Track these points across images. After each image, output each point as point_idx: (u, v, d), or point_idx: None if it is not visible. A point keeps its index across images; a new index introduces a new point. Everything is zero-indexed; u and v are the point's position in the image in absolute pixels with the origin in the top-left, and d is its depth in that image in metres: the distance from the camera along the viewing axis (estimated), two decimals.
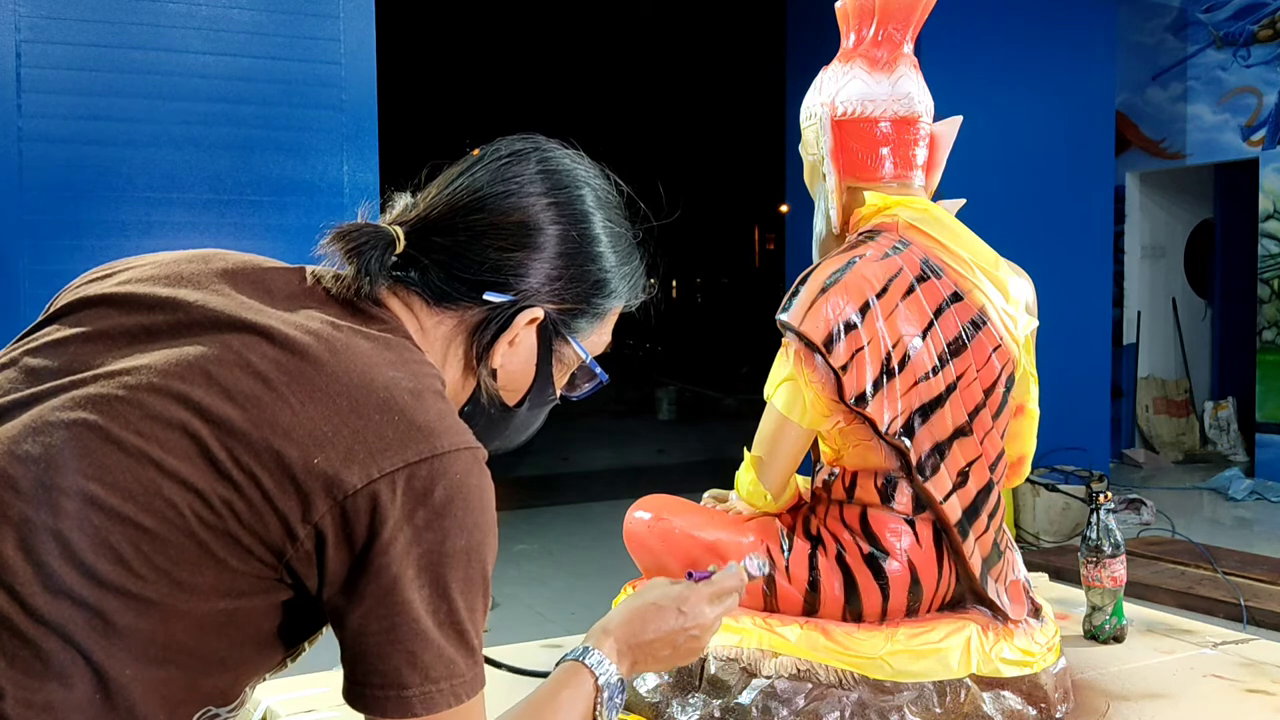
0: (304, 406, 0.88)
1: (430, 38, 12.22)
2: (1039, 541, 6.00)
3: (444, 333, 1.03)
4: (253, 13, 4.93)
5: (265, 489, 0.86)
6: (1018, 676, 1.47)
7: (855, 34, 1.65)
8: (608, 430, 11.60)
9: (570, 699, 1.06)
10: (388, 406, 0.89)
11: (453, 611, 0.90)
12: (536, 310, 1.02)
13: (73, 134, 4.66)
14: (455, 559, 0.89)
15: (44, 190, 4.60)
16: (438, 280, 1.01)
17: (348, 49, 5.03)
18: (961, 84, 5.96)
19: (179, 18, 4.82)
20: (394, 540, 0.87)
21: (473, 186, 1.02)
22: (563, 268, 1.03)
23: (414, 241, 1.01)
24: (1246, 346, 8.66)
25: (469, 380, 1.05)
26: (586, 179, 1.07)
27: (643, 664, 1.14)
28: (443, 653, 0.89)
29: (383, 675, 0.89)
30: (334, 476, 0.86)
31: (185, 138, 4.79)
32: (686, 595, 1.16)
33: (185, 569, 0.86)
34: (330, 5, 5.03)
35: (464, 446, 0.92)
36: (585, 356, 1.08)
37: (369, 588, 0.88)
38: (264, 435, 0.87)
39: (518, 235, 1.01)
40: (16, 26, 4.57)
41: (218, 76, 4.86)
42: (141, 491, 0.86)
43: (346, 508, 0.86)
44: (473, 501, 0.91)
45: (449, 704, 0.90)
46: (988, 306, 1.54)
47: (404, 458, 0.88)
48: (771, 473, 1.55)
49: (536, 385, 1.07)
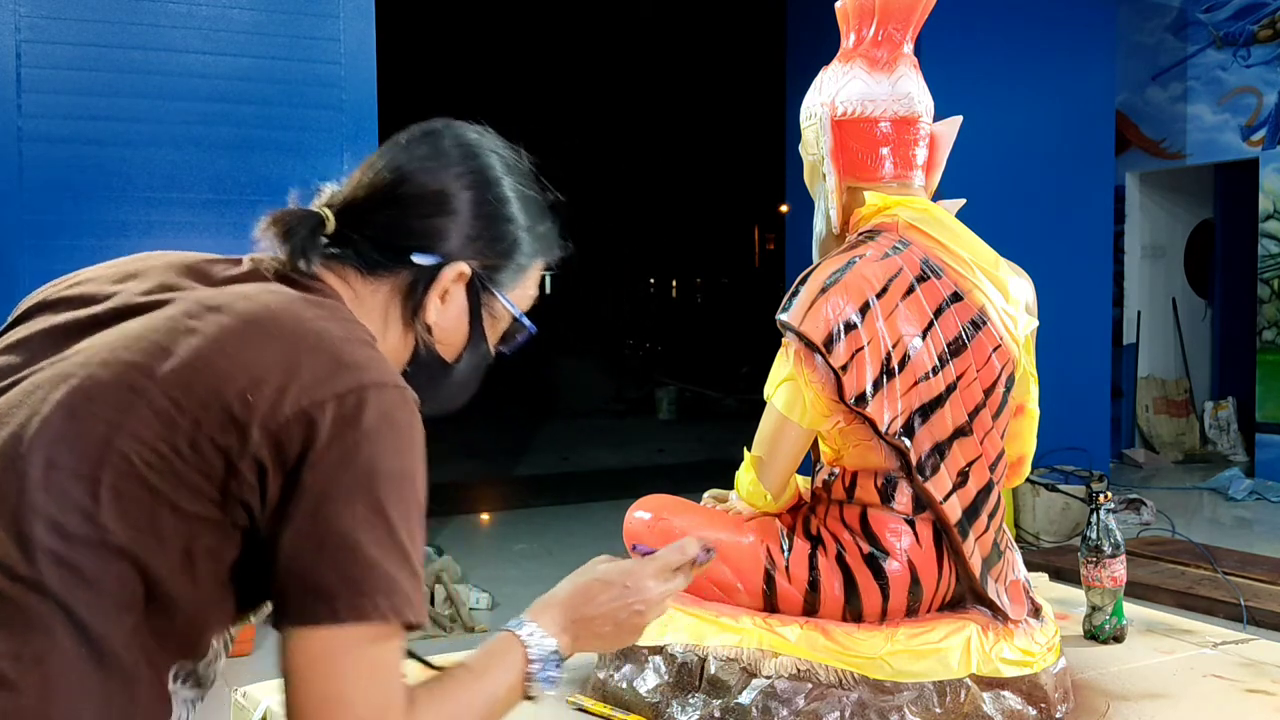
0: (239, 353, 0.96)
1: (430, 38, 12.22)
2: (1039, 541, 6.00)
3: (380, 300, 1.11)
4: (253, 13, 4.93)
5: (206, 429, 0.93)
6: (1018, 676, 1.47)
7: (855, 34, 1.65)
8: (608, 430, 11.60)
9: (498, 667, 1.06)
10: (318, 349, 0.97)
11: (391, 530, 0.93)
12: (461, 265, 1.11)
13: (73, 134, 4.66)
14: (388, 479, 0.94)
15: (44, 190, 4.59)
16: (368, 252, 1.10)
17: (348, 49, 5.02)
18: (961, 84, 5.96)
19: (179, 18, 4.82)
20: (323, 458, 0.92)
21: (392, 165, 1.12)
22: (480, 228, 1.12)
23: (344, 220, 1.11)
24: (1246, 346, 8.66)
25: (408, 339, 1.13)
26: (493, 149, 1.16)
27: (585, 639, 1.14)
28: (376, 567, 0.92)
29: (315, 588, 0.92)
30: (268, 409, 0.93)
31: (185, 138, 4.79)
32: (631, 570, 1.17)
33: (143, 516, 0.93)
34: (330, 5, 5.03)
35: (392, 383, 0.98)
36: (512, 309, 1.16)
37: (300, 505, 0.92)
38: (203, 382, 0.94)
39: (437, 203, 1.11)
40: (16, 26, 4.57)
41: (218, 76, 4.86)
42: (95, 449, 0.93)
43: (280, 435, 0.93)
44: (401, 430, 0.96)
45: (384, 618, 0.92)
46: (988, 306, 1.54)
47: (333, 389, 0.94)
48: (771, 473, 1.55)
49: (472, 340, 1.15)
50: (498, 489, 8.18)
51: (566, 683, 1.64)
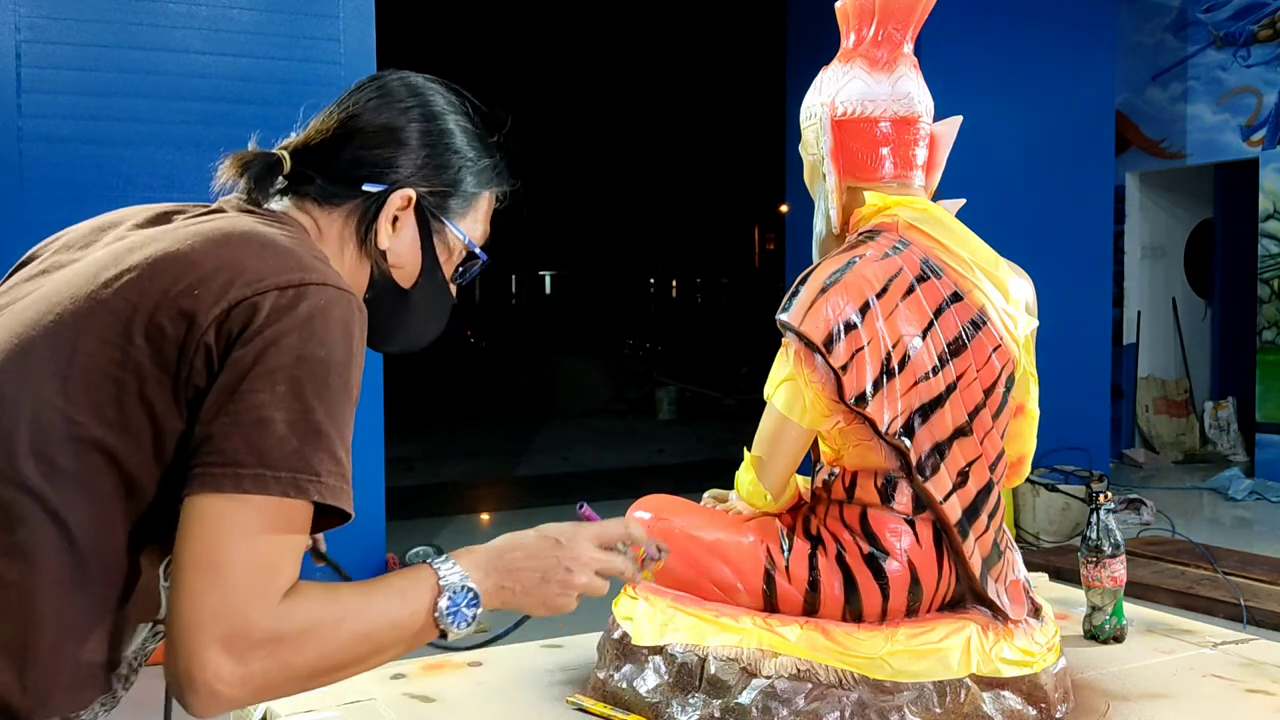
0: (194, 255, 1.03)
1: (430, 38, 12.22)
2: (1039, 541, 6.00)
3: (337, 229, 1.19)
4: (253, 13, 4.93)
5: (160, 324, 0.99)
6: (1018, 676, 1.47)
7: (855, 34, 1.65)
8: (608, 430, 11.60)
9: (400, 591, 1.03)
10: (265, 250, 1.04)
11: (307, 412, 0.96)
12: (408, 191, 1.18)
13: (73, 134, 4.66)
14: (313, 365, 0.97)
15: (44, 190, 4.59)
16: (324, 185, 1.19)
17: (348, 49, 5.02)
18: (961, 84, 5.96)
19: (179, 18, 4.82)
20: (254, 338, 0.97)
21: (342, 107, 1.22)
22: (426, 157, 1.20)
23: (300, 159, 1.20)
24: (1246, 346, 8.65)
25: (364, 264, 1.19)
26: (437, 89, 1.25)
27: (510, 587, 1.11)
28: (286, 444, 0.95)
29: (222, 454, 0.95)
30: (213, 299, 0.99)
31: (185, 138, 4.79)
32: (568, 529, 1.17)
33: (110, 407, 0.98)
34: (330, 5, 5.03)
35: (334, 285, 1.03)
36: (460, 235, 1.23)
37: (223, 378, 0.97)
38: (157, 284, 1.01)
39: (384, 135, 1.19)
40: (16, 26, 4.57)
41: (218, 76, 4.86)
42: (64, 350, 1.00)
43: (224, 321, 0.98)
44: (334, 323, 1.00)
45: (285, 493, 0.94)
46: (988, 306, 1.54)
47: (275, 282, 1.00)
48: (771, 473, 1.55)
49: (425, 265, 1.22)
50: (498, 489, 8.18)
51: (566, 683, 1.64)
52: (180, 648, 0.92)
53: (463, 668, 1.71)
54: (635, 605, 1.57)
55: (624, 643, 1.54)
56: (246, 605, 0.92)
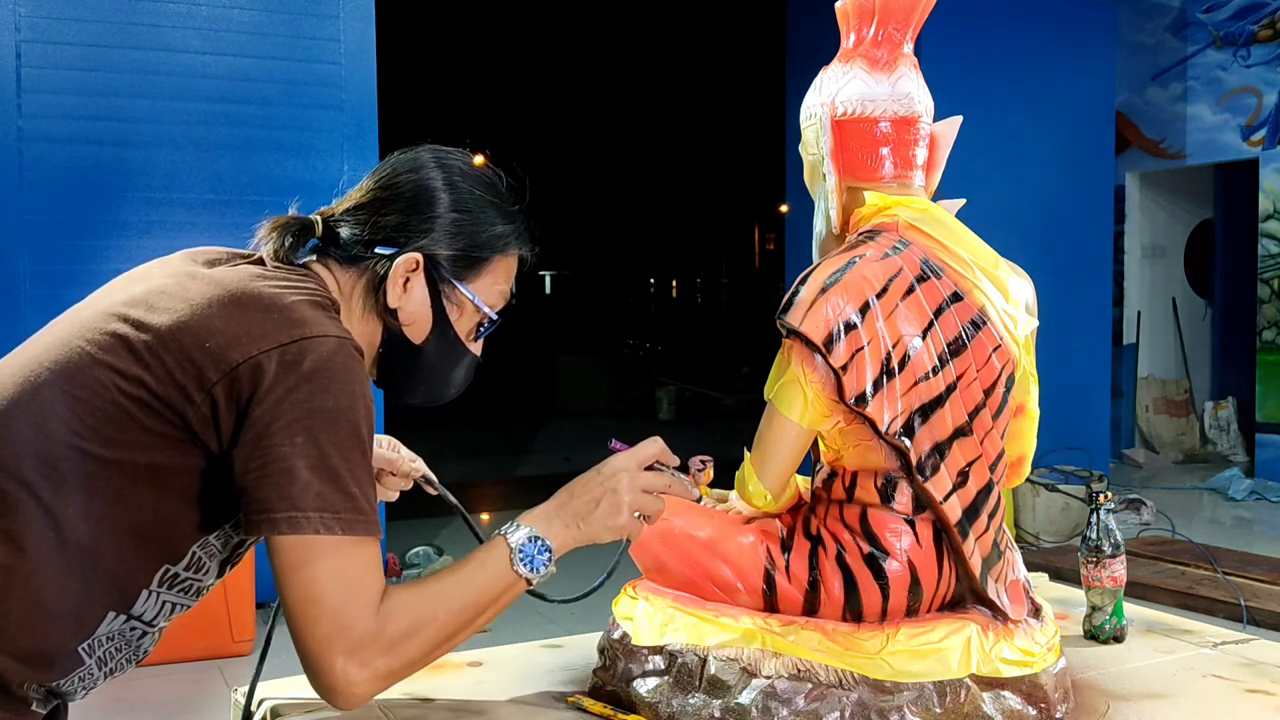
0: (206, 310, 1.16)
1: (430, 38, 12.22)
2: (1039, 541, 6.00)
3: (358, 289, 1.31)
4: (253, 13, 4.93)
5: (169, 367, 1.14)
6: (1018, 676, 1.47)
7: (855, 34, 1.65)
8: (608, 430, 11.57)
9: (478, 561, 1.23)
10: (270, 309, 1.16)
11: (324, 458, 1.11)
12: (415, 255, 1.30)
13: (73, 134, 4.66)
14: (324, 415, 1.11)
15: (44, 190, 4.60)
16: (346, 247, 1.32)
17: (348, 49, 5.02)
18: (962, 84, 5.96)
19: (179, 18, 4.82)
20: (267, 396, 1.11)
21: (376, 176, 1.35)
22: (440, 222, 1.32)
23: (332, 223, 1.33)
24: (1246, 346, 8.66)
25: (377, 322, 1.32)
26: (455, 163, 1.36)
27: (572, 526, 1.29)
28: (310, 488, 1.10)
29: (259, 503, 1.11)
30: (222, 355, 1.13)
31: (185, 138, 4.79)
32: (606, 460, 1.34)
33: (112, 427, 1.13)
34: (330, 5, 5.03)
35: (332, 335, 1.16)
36: (468, 294, 1.33)
37: (248, 435, 1.11)
38: (172, 331, 1.15)
39: (403, 203, 1.32)
40: (16, 26, 4.57)
41: (218, 76, 4.86)
42: (78, 373, 1.15)
43: (233, 378, 1.12)
44: (338, 373, 1.14)
45: (317, 531, 1.10)
46: (988, 306, 1.54)
47: (278, 340, 1.13)
48: (771, 473, 1.55)
49: (436, 323, 1.33)
50: (499, 489, 8.17)
51: (566, 683, 1.64)
52: (318, 672, 1.12)
53: (462, 667, 1.71)
54: (635, 605, 1.57)
55: (624, 643, 1.54)
56: (352, 620, 1.11)
